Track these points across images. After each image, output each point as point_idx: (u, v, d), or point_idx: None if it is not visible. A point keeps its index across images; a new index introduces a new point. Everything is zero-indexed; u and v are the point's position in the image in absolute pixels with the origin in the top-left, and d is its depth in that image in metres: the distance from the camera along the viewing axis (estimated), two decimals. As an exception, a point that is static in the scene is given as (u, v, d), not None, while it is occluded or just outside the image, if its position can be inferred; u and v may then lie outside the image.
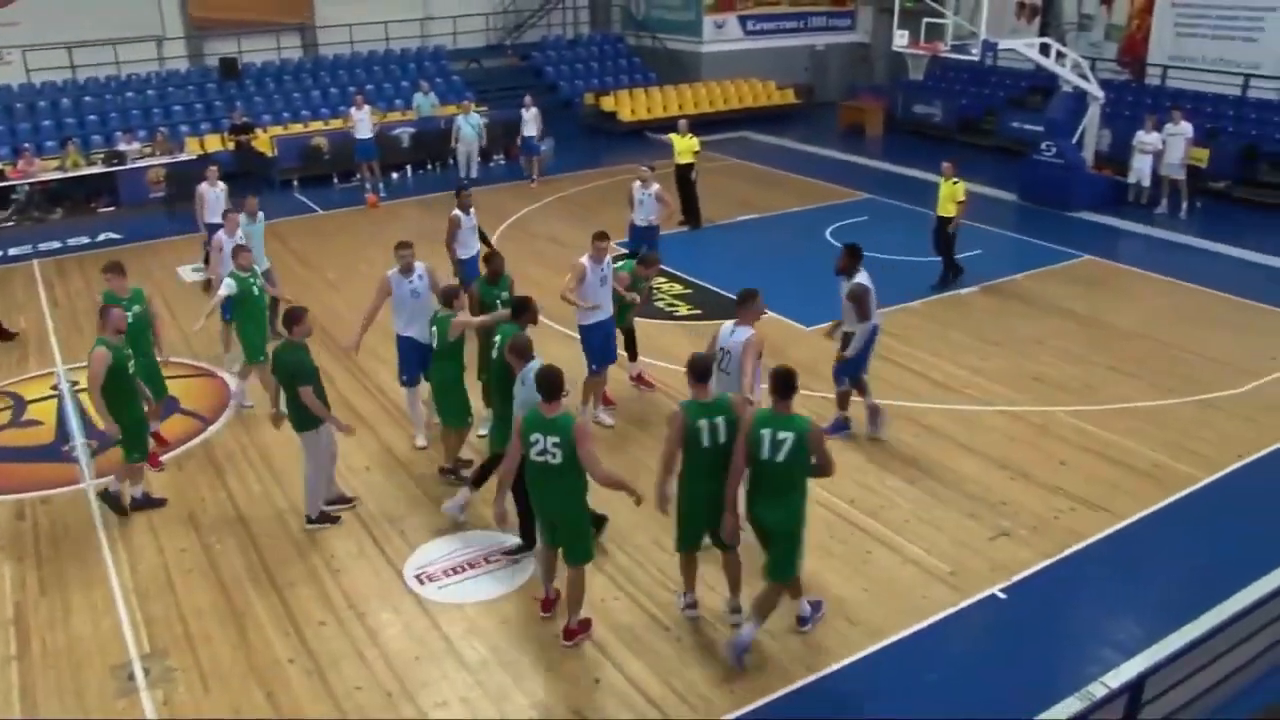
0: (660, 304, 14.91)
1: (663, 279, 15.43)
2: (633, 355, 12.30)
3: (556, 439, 7.39)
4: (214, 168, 16.02)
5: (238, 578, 8.95)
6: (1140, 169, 19.96)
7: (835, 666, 7.79)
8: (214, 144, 22.92)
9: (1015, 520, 9.68)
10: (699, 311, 14.52)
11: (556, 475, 7.54)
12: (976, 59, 20.95)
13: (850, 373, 10.99)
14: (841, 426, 11.15)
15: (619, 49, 31.28)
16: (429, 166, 24.06)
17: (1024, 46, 20.94)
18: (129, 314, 10.03)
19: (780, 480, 7.45)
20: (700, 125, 27.39)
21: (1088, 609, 8.60)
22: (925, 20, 20.28)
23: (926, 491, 10.18)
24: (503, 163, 24.43)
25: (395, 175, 23.15)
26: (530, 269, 15.10)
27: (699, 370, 7.72)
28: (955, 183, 15.26)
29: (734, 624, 8.08)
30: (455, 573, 8.95)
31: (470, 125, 22.20)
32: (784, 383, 7.35)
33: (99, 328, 9.58)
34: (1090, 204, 20.01)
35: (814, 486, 9.97)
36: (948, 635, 8.19)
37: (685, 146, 18.88)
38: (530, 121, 22.51)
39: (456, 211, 13.58)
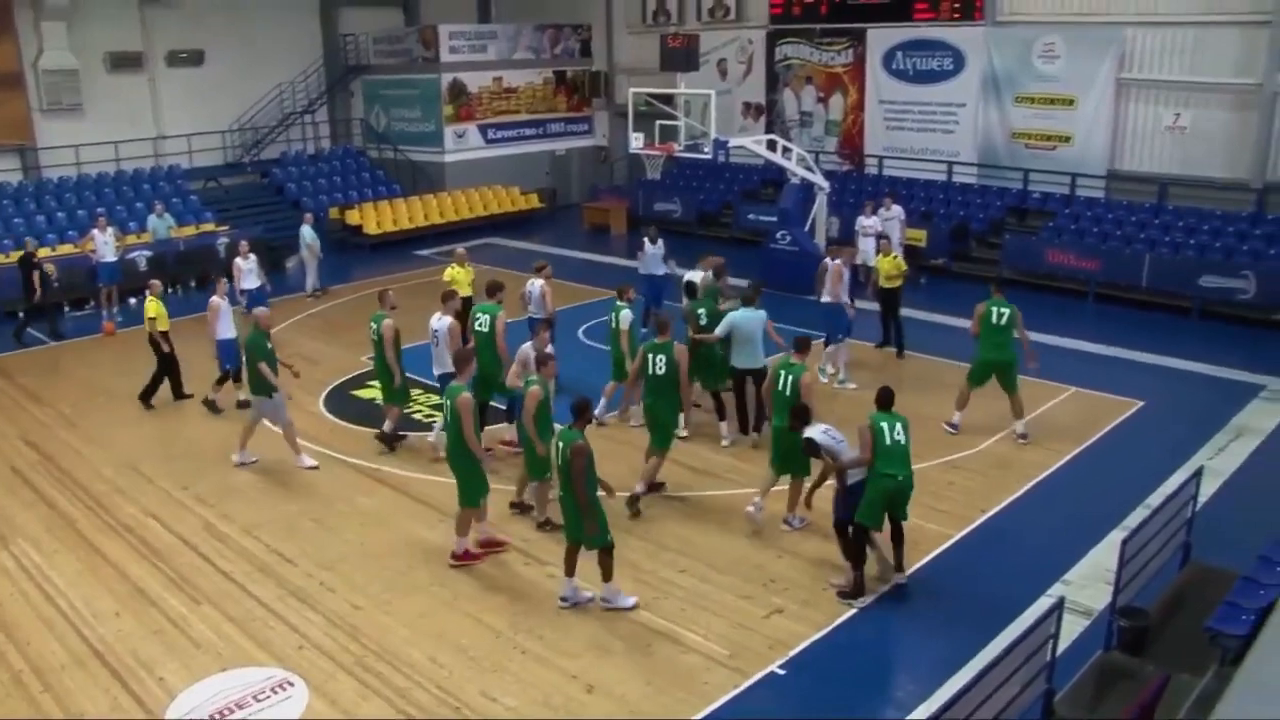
0: (418, 416, 14.68)
1: (419, 391, 15.16)
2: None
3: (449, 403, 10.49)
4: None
5: (-30, 753, 8.12)
6: (866, 251, 21.25)
7: (626, 764, 7.75)
8: (-76, 275, 21.24)
9: (786, 596, 9.97)
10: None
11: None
12: (709, 157, 22.00)
13: None
14: None
15: (361, 162, 31.12)
16: (171, 289, 22.98)
17: (752, 143, 22.22)
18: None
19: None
20: (446, 234, 27.65)
21: (865, 673, 8.94)
22: (659, 123, 21.17)
23: (699, 578, 10.36)
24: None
25: (133, 300, 21.95)
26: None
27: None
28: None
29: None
30: (222, 716, 8.42)
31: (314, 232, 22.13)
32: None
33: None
34: (827, 287, 21.11)
35: (594, 586, 10.01)
36: (733, 719, 8.29)
37: (465, 278, 16.77)
38: (250, 272, 18.55)
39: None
